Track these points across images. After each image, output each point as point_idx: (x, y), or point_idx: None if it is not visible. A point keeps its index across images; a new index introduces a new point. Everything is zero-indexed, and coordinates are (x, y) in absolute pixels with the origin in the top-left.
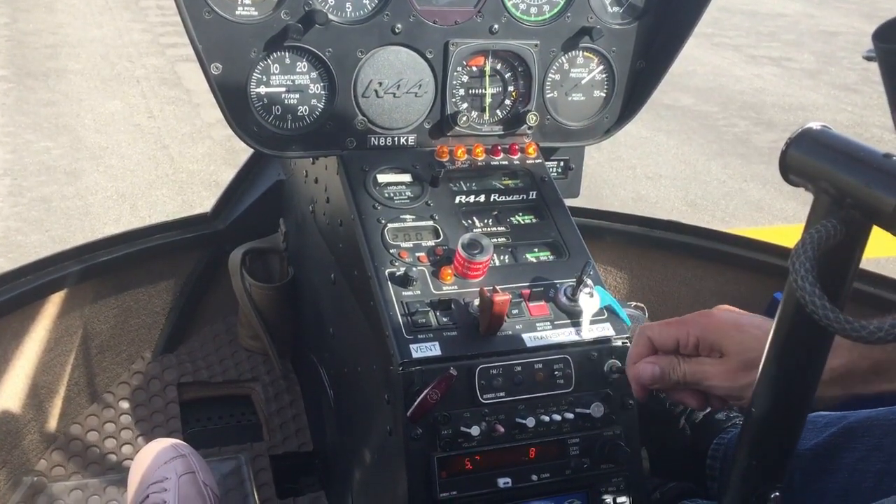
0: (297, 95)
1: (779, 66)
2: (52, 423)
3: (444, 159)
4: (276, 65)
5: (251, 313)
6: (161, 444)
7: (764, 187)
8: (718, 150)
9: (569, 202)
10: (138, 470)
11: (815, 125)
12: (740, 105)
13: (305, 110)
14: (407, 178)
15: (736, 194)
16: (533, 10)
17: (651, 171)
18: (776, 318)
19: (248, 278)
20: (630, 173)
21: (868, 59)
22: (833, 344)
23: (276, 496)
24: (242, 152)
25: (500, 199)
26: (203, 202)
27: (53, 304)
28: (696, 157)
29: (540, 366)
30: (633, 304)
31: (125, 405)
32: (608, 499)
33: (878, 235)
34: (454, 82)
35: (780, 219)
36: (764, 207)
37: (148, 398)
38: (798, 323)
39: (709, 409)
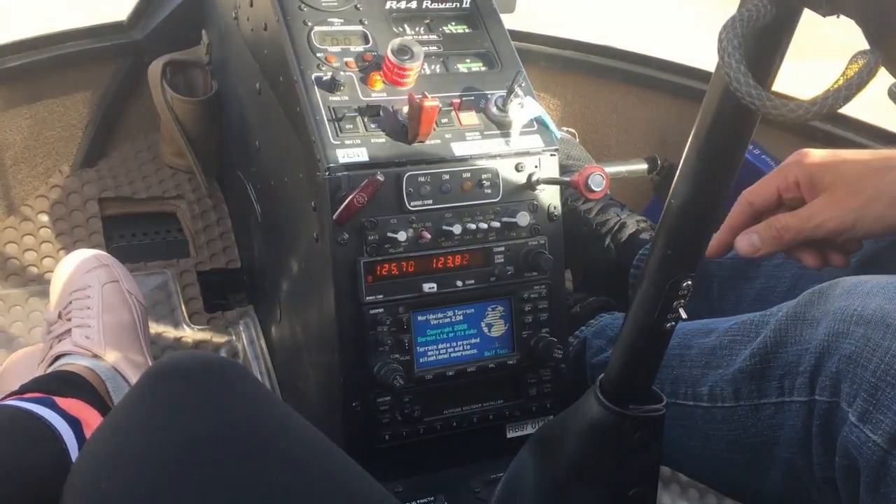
0: None
1: None
2: None
3: None
4: None
5: (174, 129)
6: (83, 254)
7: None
8: None
9: (505, 24)
10: (59, 279)
11: None
12: None
13: None
14: None
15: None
16: None
17: None
18: (701, 107)
19: (169, 91)
20: None
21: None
22: None
23: (205, 310)
24: None
25: (432, 7)
26: None
27: None
28: None
29: (468, 175)
30: (565, 128)
31: (44, 219)
32: (529, 306)
33: None
34: None
35: None
36: None
37: (68, 212)
38: (722, 108)
39: (635, 229)
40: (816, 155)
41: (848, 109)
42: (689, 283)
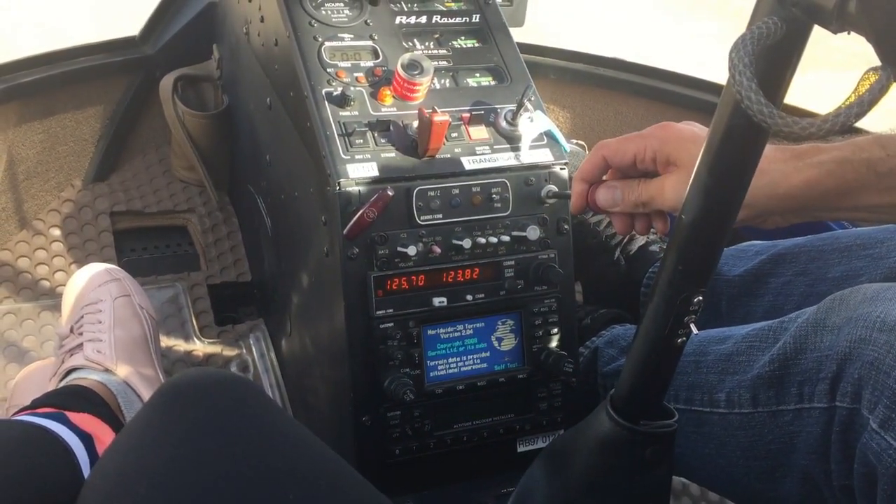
0: None
1: None
2: None
3: None
4: None
5: (185, 143)
6: (94, 269)
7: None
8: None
9: (515, 38)
10: (71, 293)
11: None
12: None
13: None
14: None
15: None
16: None
17: None
18: (712, 123)
19: (180, 105)
20: None
21: None
22: (797, 164)
23: (215, 323)
24: None
25: (442, 21)
26: None
27: None
28: None
29: (478, 189)
30: (575, 141)
31: (56, 233)
32: (539, 319)
33: None
34: None
35: None
36: None
37: (80, 226)
38: (732, 125)
39: (644, 241)
40: (678, 130)
41: (861, 122)
42: (700, 298)
